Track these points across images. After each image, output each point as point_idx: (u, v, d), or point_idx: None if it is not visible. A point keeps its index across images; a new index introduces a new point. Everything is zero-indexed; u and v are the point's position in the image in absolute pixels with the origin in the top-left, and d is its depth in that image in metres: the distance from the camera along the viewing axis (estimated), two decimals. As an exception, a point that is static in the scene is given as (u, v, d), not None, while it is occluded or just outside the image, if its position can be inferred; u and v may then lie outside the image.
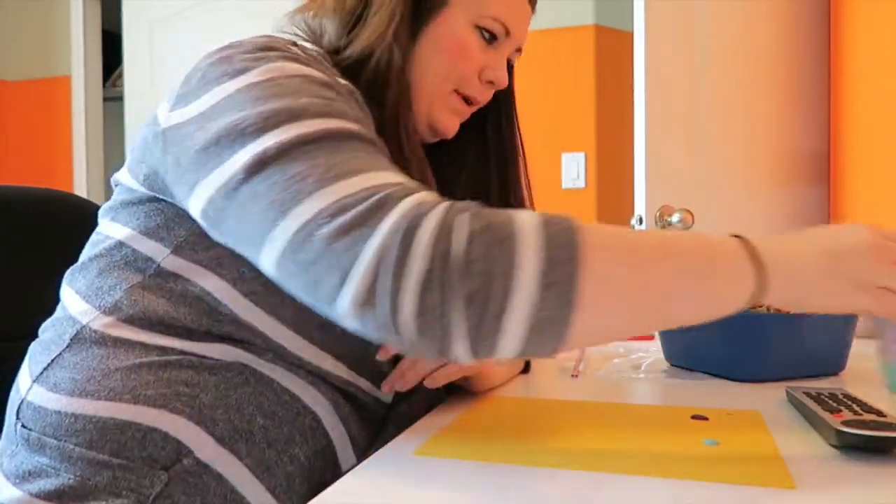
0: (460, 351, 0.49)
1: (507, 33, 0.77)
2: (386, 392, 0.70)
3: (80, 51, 3.15)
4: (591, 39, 2.53)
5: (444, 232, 0.48)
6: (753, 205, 1.97)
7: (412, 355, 0.52)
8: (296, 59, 0.62)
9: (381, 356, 0.68)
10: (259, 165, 0.54)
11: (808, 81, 2.02)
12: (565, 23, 2.56)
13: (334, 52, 0.74)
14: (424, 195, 0.52)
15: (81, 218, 0.96)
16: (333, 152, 0.54)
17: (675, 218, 1.81)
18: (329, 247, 0.49)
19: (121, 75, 3.25)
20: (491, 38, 0.76)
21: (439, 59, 0.74)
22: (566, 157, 2.55)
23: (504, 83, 0.79)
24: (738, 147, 1.95)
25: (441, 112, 0.77)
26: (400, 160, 0.69)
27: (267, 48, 0.63)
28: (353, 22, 0.73)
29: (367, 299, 0.48)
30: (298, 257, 0.51)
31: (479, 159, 0.88)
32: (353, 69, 0.71)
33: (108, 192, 0.71)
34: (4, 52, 3.25)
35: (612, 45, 2.55)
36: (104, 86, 3.35)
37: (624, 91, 2.25)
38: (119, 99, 3.18)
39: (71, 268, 0.70)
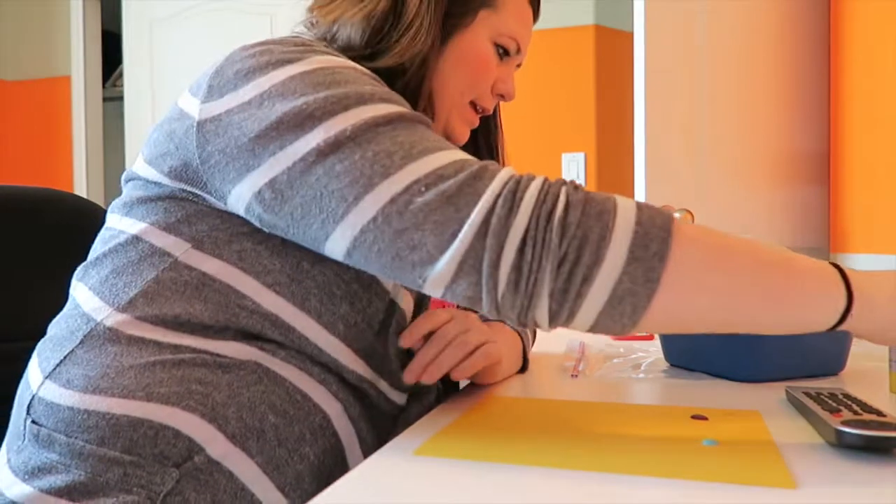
0: (541, 313, 0.53)
1: (518, 50, 0.82)
2: (408, 381, 0.71)
3: (80, 51, 3.15)
4: (591, 40, 2.53)
5: (547, 197, 0.53)
6: (753, 204, 1.97)
7: (494, 316, 0.55)
8: (335, 55, 0.65)
9: (405, 343, 0.70)
10: (334, 146, 0.56)
11: (808, 81, 2.02)
12: (565, 23, 2.55)
13: (352, 57, 0.74)
14: (513, 170, 0.56)
15: (81, 218, 0.96)
16: (410, 132, 0.57)
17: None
18: (432, 211, 0.53)
19: (121, 75, 3.24)
20: (504, 53, 0.81)
21: (462, 71, 0.78)
22: (566, 158, 2.55)
23: (513, 96, 0.84)
24: (737, 147, 1.95)
25: (457, 122, 0.81)
26: None
27: (302, 43, 0.66)
28: (382, 33, 0.74)
29: (471, 257, 0.52)
30: (392, 225, 0.54)
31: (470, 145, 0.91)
32: (381, 79, 0.73)
33: (109, 192, 0.71)
34: (4, 52, 3.25)
35: (612, 46, 2.55)
36: (104, 86, 3.35)
37: (624, 91, 2.25)
38: (119, 99, 3.18)
39: (83, 264, 0.70)
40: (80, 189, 3.14)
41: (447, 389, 0.82)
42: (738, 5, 1.94)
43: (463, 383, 0.81)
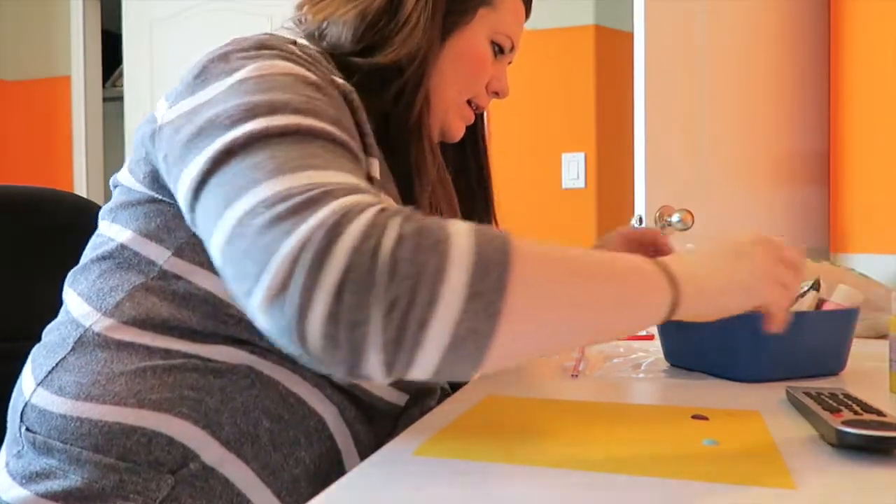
0: (373, 367, 0.45)
1: (512, 47, 0.82)
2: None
3: (80, 51, 3.15)
4: (591, 40, 2.53)
5: (374, 230, 0.45)
6: (753, 205, 1.97)
7: (316, 368, 0.49)
8: (289, 58, 0.62)
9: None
10: (226, 155, 0.52)
11: (808, 81, 2.02)
12: (565, 23, 2.55)
13: (340, 55, 0.74)
14: (368, 197, 0.48)
15: (81, 218, 0.96)
16: (296, 147, 0.52)
17: (674, 218, 1.81)
18: (258, 236, 0.46)
19: (121, 75, 3.24)
20: (500, 51, 0.81)
21: (461, 70, 0.78)
22: (566, 158, 2.55)
23: (507, 93, 0.83)
24: (737, 147, 1.95)
25: (454, 119, 0.81)
26: (423, 163, 0.74)
27: (263, 46, 0.63)
28: (376, 30, 0.73)
29: (277, 294, 0.44)
30: (234, 247, 0.48)
31: (458, 150, 0.91)
32: (374, 76, 0.72)
33: (109, 193, 0.71)
34: (4, 52, 3.25)
35: (612, 46, 2.55)
36: (104, 86, 3.35)
37: (624, 91, 2.25)
38: (119, 99, 3.18)
39: (73, 269, 0.70)
40: (80, 189, 3.14)
41: (454, 390, 0.82)
42: (738, 5, 1.94)
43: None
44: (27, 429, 0.64)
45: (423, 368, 0.46)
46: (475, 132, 0.91)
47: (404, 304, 0.43)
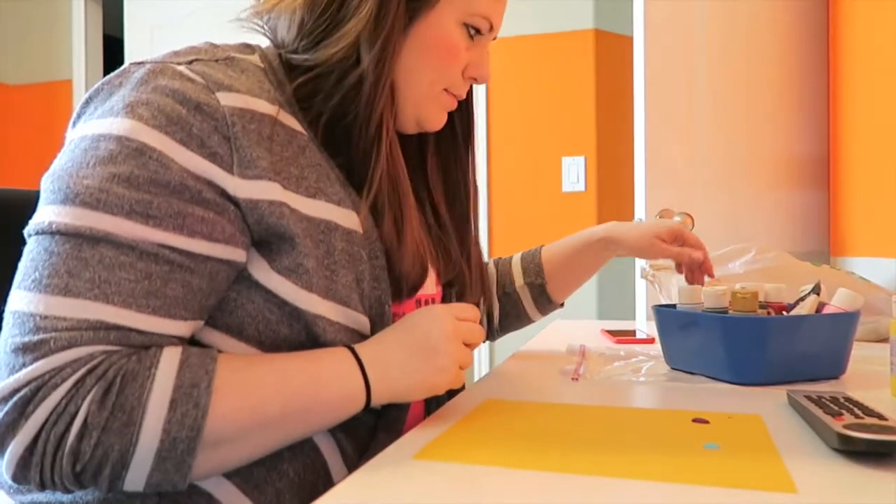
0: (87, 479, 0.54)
1: (491, 28, 0.76)
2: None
3: (82, 55, 3.16)
4: (591, 44, 2.54)
5: (62, 417, 0.52)
6: (753, 208, 1.97)
7: None
8: (142, 115, 0.59)
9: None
10: (35, 230, 0.58)
11: (808, 85, 2.02)
12: (565, 27, 2.56)
13: (290, 52, 0.70)
14: (81, 351, 0.54)
15: (82, 221, 0.96)
16: (70, 255, 0.56)
17: (675, 221, 1.81)
18: (0, 355, 0.54)
19: (122, 79, 3.24)
20: (476, 33, 0.75)
21: (429, 61, 0.72)
22: (566, 161, 2.55)
23: (487, 78, 0.78)
24: (737, 151, 1.95)
25: (430, 111, 0.76)
26: (372, 162, 0.69)
27: (133, 104, 0.60)
28: (326, 17, 0.68)
29: None
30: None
31: (448, 148, 0.86)
32: (324, 73, 0.68)
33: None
34: (6, 56, 3.26)
35: (611, 50, 2.56)
36: (105, 90, 3.35)
37: (624, 95, 2.26)
38: (120, 103, 3.18)
39: None
40: (81, 193, 3.14)
41: (449, 394, 0.82)
42: (738, 9, 1.94)
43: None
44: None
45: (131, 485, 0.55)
46: (456, 125, 0.85)
47: (91, 475, 0.53)
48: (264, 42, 0.75)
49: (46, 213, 0.57)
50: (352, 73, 0.68)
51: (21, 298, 0.55)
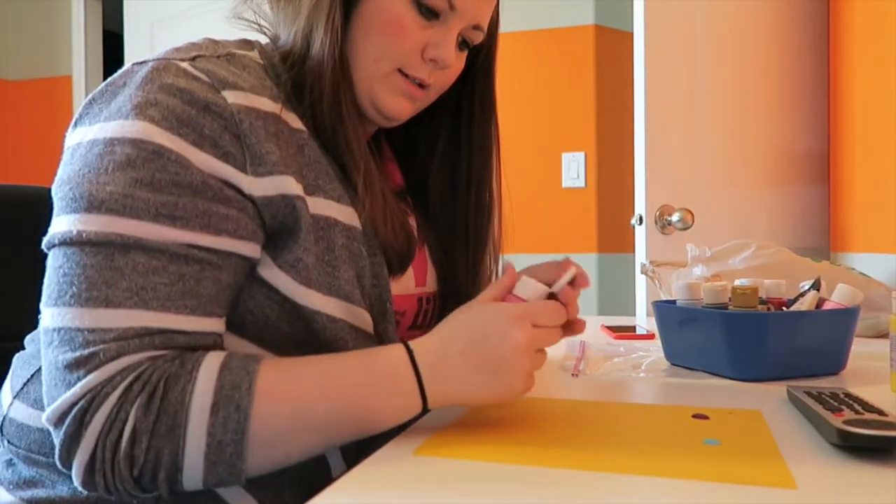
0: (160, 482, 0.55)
1: (452, 7, 0.71)
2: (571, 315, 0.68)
3: (82, 51, 3.15)
4: (591, 39, 2.53)
5: (114, 425, 0.54)
6: (753, 204, 1.97)
7: None
8: (154, 117, 0.59)
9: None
10: (59, 241, 0.58)
11: (808, 81, 2.02)
12: (565, 23, 2.55)
13: (279, 40, 0.73)
14: (131, 358, 0.55)
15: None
16: (103, 265, 0.56)
17: (674, 217, 1.81)
18: (53, 368, 0.56)
19: (121, 75, 3.24)
20: (430, 13, 0.71)
21: (372, 37, 0.70)
22: (566, 157, 2.55)
23: (450, 62, 0.73)
24: (737, 147, 1.95)
25: (383, 93, 0.72)
26: (346, 150, 0.68)
27: (141, 105, 0.60)
28: (293, 8, 0.71)
29: (56, 422, 0.55)
30: (46, 349, 0.57)
31: (451, 149, 0.84)
32: (296, 60, 0.69)
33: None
34: (5, 52, 3.25)
35: (611, 46, 2.55)
36: (105, 86, 3.34)
37: (624, 91, 2.25)
38: (119, 99, 3.18)
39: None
40: (81, 189, 3.13)
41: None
42: (738, 5, 1.94)
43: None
44: (9, 442, 0.64)
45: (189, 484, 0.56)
46: (472, 103, 0.83)
47: (149, 478, 0.54)
48: (263, 39, 0.75)
49: (69, 223, 0.57)
50: (310, 57, 0.69)
51: (64, 315, 0.56)
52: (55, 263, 0.58)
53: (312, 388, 0.58)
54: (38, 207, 0.96)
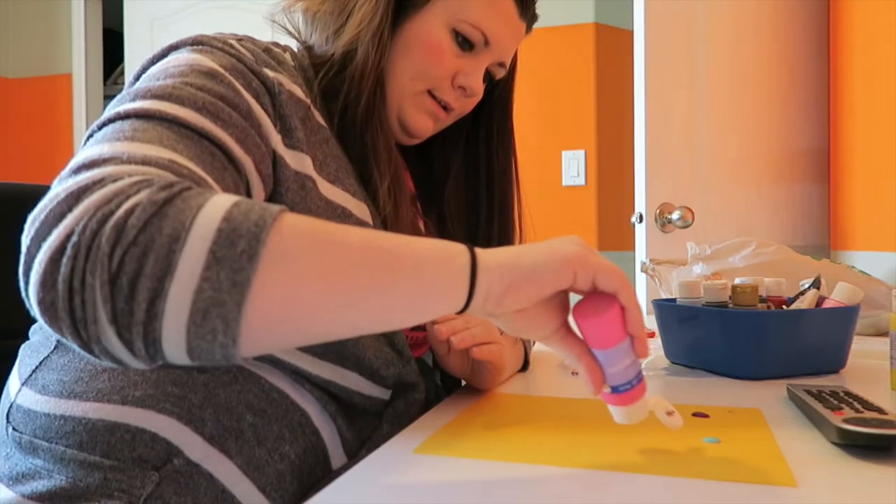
0: (111, 344, 0.42)
1: (486, 43, 0.77)
2: (438, 338, 0.67)
3: (82, 49, 3.15)
4: (592, 37, 2.53)
5: (117, 197, 0.42)
6: (754, 202, 1.97)
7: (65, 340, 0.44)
8: (205, 52, 0.64)
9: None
10: (106, 122, 0.56)
11: (808, 79, 2.02)
12: (565, 21, 2.55)
13: (312, 48, 0.77)
14: (152, 169, 0.47)
15: (82, 216, 0.96)
16: (148, 128, 0.53)
17: (675, 215, 1.81)
18: (51, 200, 0.45)
19: (122, 73, 3.25)
20: (467, 44, 0.76)
21: (411, 56, 0.75)
22: (566, 155, 2.55)
23: (477, 92, 0.78)
24: (738, 145, 1.95)
25: (411, 111, 0.77)
26: (373, 155, 0.72)
27: (200, 42, 0.66)
28: (337, 22, 0.75)
29: (25, 263, 0.43)
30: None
31: (469, 171, 0.88)
32: (336, 67, 0.73)
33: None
34: (6, 50, 3.25)
35: (612, 44, 2.55)
36: (105, 84, 3.35)
37: (624, 89, 2.25)
38: (120, 97, 3.18)
39: None
40: (81, 187, 3.13)
41: (447, 386, 0.82)
42: (739, 4, 1.93)
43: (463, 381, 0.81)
44: (14, 429, 0.64)
45: (171, 346, 0.42)
46: (490, 126, 0.87)
47: (131, 271, 0.40)
48: (292, 42, 0.80)
49: (112, 110, 0.56)
50: (351, 66, 0.73)
51: (84, 152, 0.50)
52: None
53: (349, 230, 0.48)
54: (37, 205, 0.96)
